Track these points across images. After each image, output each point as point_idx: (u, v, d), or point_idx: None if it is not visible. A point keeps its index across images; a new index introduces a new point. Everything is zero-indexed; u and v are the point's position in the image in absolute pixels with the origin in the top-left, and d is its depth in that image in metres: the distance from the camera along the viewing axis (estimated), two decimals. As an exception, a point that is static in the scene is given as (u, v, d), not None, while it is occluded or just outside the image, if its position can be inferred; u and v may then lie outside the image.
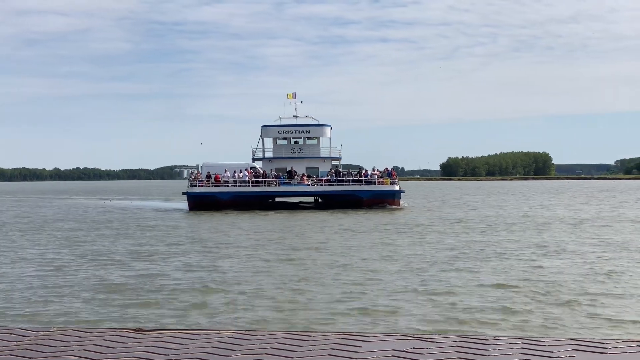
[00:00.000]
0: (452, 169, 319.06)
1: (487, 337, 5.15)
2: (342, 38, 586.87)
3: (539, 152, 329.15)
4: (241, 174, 64.05)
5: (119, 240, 35.87)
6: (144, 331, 5.40)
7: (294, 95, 72.67)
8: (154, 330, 5.46)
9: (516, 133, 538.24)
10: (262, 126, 70.64)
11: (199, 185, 63.55)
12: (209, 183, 63.50)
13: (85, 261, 27.38)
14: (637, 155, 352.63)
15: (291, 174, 65.27)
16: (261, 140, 70.67)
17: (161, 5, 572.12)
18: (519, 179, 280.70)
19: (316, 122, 71.56)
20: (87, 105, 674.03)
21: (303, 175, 65.25)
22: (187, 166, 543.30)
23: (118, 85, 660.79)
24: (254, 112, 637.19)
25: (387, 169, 66.38)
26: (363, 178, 64.20)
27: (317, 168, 68.41)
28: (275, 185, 63.95)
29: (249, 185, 63.60)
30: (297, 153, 70.19)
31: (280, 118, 72.20)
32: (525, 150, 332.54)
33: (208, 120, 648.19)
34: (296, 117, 72.16)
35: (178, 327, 15.18)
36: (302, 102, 74.46)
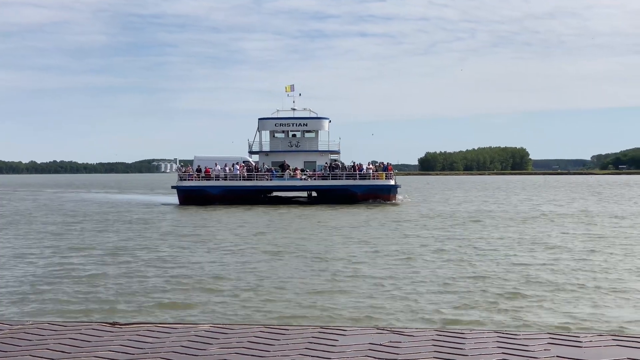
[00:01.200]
0: (430, 164, 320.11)
1: (463, 331, 5.18)
2: (321, 32, 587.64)
3: (516, 148, 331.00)
4: (232, 168, 62.83)
5: (100, 234, 35.67)
6: (120, 325, 5.38)
7: (292, 88, 71.18)
8: (130, 324, 5.43)
9: (494, 128, 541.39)
10: (259, 119, 69.27)
11: (188, 179, 62.30)
12: (198, 177, 62.19)
13: (60, 254, 27.21)
14: (613, 151, 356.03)
15: (284, 167, 63.75)
16: (258, 133, 69.35)
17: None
18: (496, 174, 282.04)
19: (314, 115, 70.16)
20: (63, 98, 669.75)
21: (296, 169, 63.76)
22: (165, 160, 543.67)
23: (95, 78, 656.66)
24: (232, 106, 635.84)
25: (382, 163, 64.75)
26: (357, 172, 62.79)
27: (315, 162, 66.83)
28: (267, 179, 62.59)
29: (240, 180, 62.25)
30: (294, 146, 68.74)
31: (278, 111, 70.77)
32: (502, 146, 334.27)
33: (186, 114, 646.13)
34: (294, 109, 70.83)
35: (155, 321, 15.13)
36: (300, 95, 72.96)
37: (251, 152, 69.51)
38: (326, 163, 65.06)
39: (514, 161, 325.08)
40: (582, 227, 38.27)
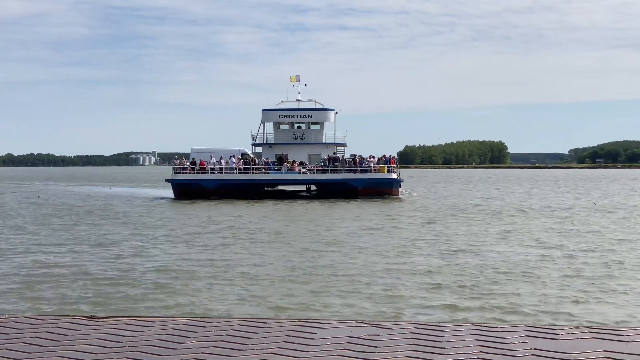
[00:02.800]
0: (409, 157, 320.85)
1: (441, 324, 5.20)
2: (301, 25, 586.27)
3: (494, 141, 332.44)
4: (229, 160, 60.59)
5: (87, 227, 35.48)
6: (97, 318, 5.35)
7: (297, 78, 68.67)
8: (107, 317, 5.41)
9: (472, 122, 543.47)
10: (262, 110, 67.01)
11: (182, 172, 60.07)
12: (193, 170, 60.16)
13: (38, 247, 27.03)
14: (590, 145, 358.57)
15: (282, 160, 61.82)
16: (262, 125, 66.99)
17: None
18: (475, 167, 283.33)
19: (320, 106, 67.88)
20: (41, 90, 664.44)
21: (294, 162, 61.52)
22: (144, 153, 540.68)
23: (74, 70, 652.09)
24: (212, 99, 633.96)
25: (384, 156, 62.17)
26: (358, 166, 60.12)
27: (320, 155, 64.13)
28: (265, 172, 60.39)
29: (236, 173, 60.13)
30: (298, 139, 66.39)
31: (282, 102, 68.37)
32: (481, 139, 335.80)
33: (165, 107, 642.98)
34: (299, 100, 68.43)
35: (132, 314, 15.08)
36: (305, 85, 70.51)
37: (255, 144, 67.53)
38: (328, 155, 62.60)
39: (492, 155, 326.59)
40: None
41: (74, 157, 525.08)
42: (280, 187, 65.77)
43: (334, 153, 62.90)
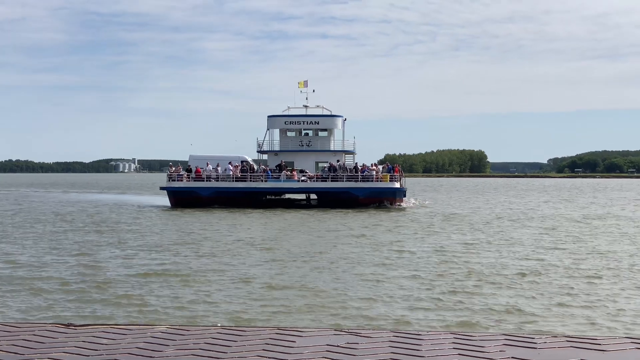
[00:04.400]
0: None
1: (420, 333, 5.21)
2: (282, 33, 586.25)
3: (474, 150, 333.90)
4: (226, 168, 58.42)
5: (71, 235, 35.24)
6: (75, 326, 5.31)
7: (305, 84, 66.74)
8: (85, 325, 5.37)
9: (452, 131, 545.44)
10: (268, 116, 64.99)
11: (178, 180, 58.36)
12: (189, 177, 58.34)
13: (16, 256, 26.83)
14: (569, 155, 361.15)
15: (281, 167, 59.37)
16: (268, 131, 64.87)
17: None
18: (455, 176, 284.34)
19: (328, 113, 65.76)
20: (19, 96, 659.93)
21: (293, 169, 59.51)
22: (123, 160, 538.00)
23: (52, 76, 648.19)
24: (192, 106, 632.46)
25: (387, 164, 60.89)
26: (360, 174, 57.84)
27: (327, 162, 61.21)
28: (262, 180, 58.16)
29: (233, 181, 57.84)
30: (305, 146, 64.23)
31: (289, 108, 66.35)
32: (461, 148, 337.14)
33: (144, 114, 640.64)
34: (306, 106, 66.40)
35: (110, 322, 15.01)
36: (314, 91, 68.18)
37: (260, 152, 65.52)
38: (330, 163, 60.30)
39: (472, 164, 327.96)
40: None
41: (53, 164, 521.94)
42: (288, 196, 63.71)
43: (338, 161, 60.62)
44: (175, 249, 28.61)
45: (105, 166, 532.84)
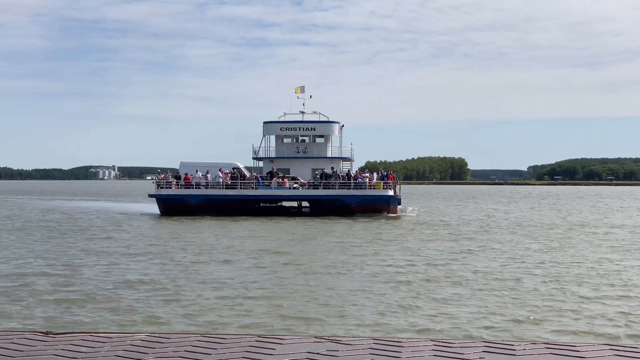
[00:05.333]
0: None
1: (400, 339, 5.22)
2: (264, 40, 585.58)
3: (454, 158, 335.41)
4: (216, 174, 57.27)
5: (61, 241, 34.99)
6: (53, 334, 5.28)
7: (302, 90, 65.94)
8: (64, 333, 5.34)
9: (433, 138, 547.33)
10: (264, 122, 64.30)
11: (166, 187, 57.13)
12: (177, 185, 57.30)
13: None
14: (549, 162, 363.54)
15: (272, 175, 58.35)
16: (264, 138, 64.16)
17: (79, 2, 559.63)
18: (435, 183, 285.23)
19: (324, 119, 64.99)
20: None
21: (284, 176, 58.63)
22: (103, 167, 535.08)
23: (32, 82, 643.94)
24: (173, 112, 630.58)
25: (380, 170, 60.13)
26: (352, 181, 56.62)
27: (323, 169, 59.73)
28: (253, 188, 57.22)
29: (222, 188, 56.76)
30: (301, 152, 63.45)
31: (285, 114, 65.47)
32: (441, 156, 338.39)
33: (125, 121, 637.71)
34: (303, 112, 65.65)
35: (89, 330, 14.89)
36: (310, 97, 67.14)
37: (256, 159, 64.84)
38: (322, 170, 59.23)
39: (452, 171, 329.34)
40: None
41: (32, 171, 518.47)
42: (285, 204, 62.31)
43: (332, 168, 59.40)
44: (156, 257, 28.49)
45: (84, 173, 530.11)
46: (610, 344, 5.11)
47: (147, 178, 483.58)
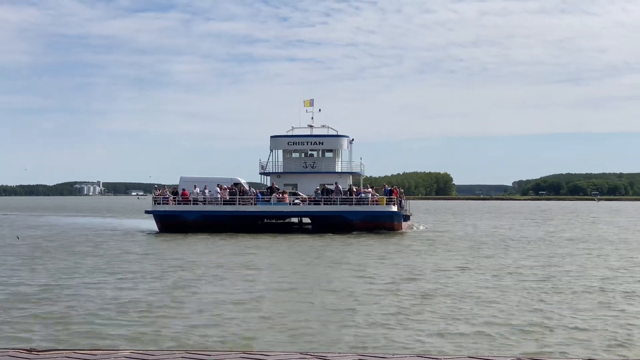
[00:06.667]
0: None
1: (385, 355, 5.24)
2: (250, 56, 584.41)
3: (440, 173, 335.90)
4: (213, 190, 55.47)
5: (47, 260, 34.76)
6: (37, 351, 5.27)
7: (311, 103, 64.61)
8: (48, 350, 5.33)
9: (419, 154, 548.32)
10: (271, 136, 63.01)
11: (163, 203, 55.49)
12: (174, 200, 55.60)
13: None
14: (533, 177, 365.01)
15: (272, 190, 56.49)
16: (271, 153, 62.74)
17: (65, 18, 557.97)
18: (421, 198, 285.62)
19: (333, 133, 63.61)
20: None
21: (284, 192, 56.48)
22: (87, 182, 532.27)
23: (17, 98, 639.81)
24: (159, 128, 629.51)
25: (385, 186, 58.21)
26: (354, 197, 54.31)
27: (333, 185, 57.76)
28: (252, 203, 55.20)
29: (220, 204, 54.86)
30: (309, 167, 61.93)
31: (293, 128, 63.90)
32: (427, 171, 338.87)
33: (110, 136, 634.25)
34: (311, 126, 64.18)
35: (73, 347, 14.80)
36: (320, 110, 65.94)
37: (263, 174, 63.36)
38: (324, 185, 57.22)
39: (438, 186, 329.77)
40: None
41: (16, 187, 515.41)
42: (299, 220, 60.53)
43: (335, 183, 57.63)
44: (146, 275, 28.38)
45: (69, 189, 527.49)
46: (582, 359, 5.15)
47: (132, 194, 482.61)
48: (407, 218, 58.65)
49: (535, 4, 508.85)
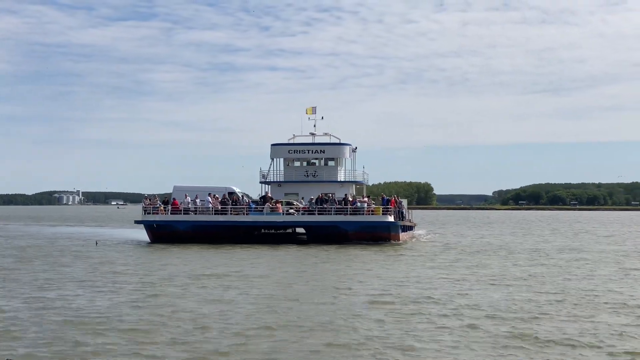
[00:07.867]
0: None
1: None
2: (231, 65, 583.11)
3: (421, 183, 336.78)
4: (205, 199, 54.12)
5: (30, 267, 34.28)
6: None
7: (313, 110, 63.43)
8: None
9: (399, 163, 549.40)
10: (271, 145, 61.86)
11: (154, 213, 54.07)
12: (165, 210, 54.16)
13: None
14: (514, 187, 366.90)
15: (265, 199, 55.10)
16: (272, 161, 61.76)
17: (44, 26, 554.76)
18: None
19: (336, 141, 62.55)
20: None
21: (277, 202, 54.87)
22: (67, 192, 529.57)
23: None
24: (139, 137, 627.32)
25: (383, 195, 56.90)
26: (349, 207, 52.70)
27: (334, 194, 56.71)
28: (244, 213, 53.62)
29: (212, 214, 53.50)
30: (310, 176, 60.74)
31: (294, 136, 62.82)
32: (408, 180, 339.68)
33: (89, 145, 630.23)
34: (313, 134, 63.07)
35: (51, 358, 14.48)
36: (322, 118, 64.67)
37: (263, 183, 62.03)
38: (320, 195, 55.32)
39: (418, 196, 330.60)
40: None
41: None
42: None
43: (333, 194, 56.55)
44: (129, 288, 28.02)
45: (48, 198, 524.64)
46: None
47: (112, 203, 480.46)
48: (409, 228, 57.05)
49: (516, 14, 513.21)
